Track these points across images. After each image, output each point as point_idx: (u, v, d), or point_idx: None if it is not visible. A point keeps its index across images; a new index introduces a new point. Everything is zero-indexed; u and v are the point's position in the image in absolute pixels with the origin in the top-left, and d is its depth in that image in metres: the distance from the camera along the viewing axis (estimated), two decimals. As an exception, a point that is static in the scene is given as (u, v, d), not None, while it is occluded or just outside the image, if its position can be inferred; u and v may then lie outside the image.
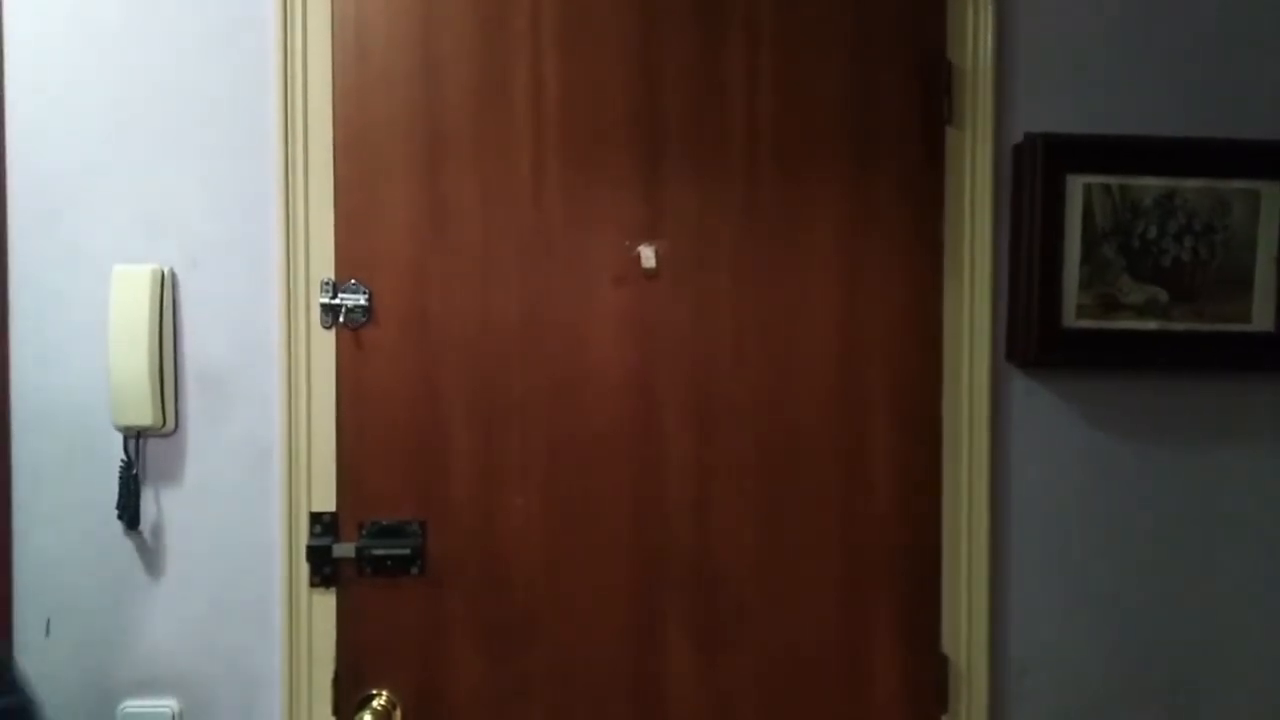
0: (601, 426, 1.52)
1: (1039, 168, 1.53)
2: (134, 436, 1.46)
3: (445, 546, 1.50)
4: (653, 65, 1.52)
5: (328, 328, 1.49)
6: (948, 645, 1.59)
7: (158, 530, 1.49)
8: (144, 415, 1.43)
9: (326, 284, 1.48)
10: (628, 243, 1.52)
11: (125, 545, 1.48)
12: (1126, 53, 1.58)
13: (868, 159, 1.55)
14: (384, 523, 1.49)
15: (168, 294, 1.47)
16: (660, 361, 1.53)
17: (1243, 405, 1.62)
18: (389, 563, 1.48)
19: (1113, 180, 1.55)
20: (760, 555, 1.55)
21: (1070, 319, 1.55)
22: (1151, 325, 1.56)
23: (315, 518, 1.49)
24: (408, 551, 1.48)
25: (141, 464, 1.48)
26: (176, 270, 1.48)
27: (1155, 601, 1.61)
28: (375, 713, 1.47)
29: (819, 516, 1.56)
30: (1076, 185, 1.54)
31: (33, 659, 1.47)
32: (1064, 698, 1.60)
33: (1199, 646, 1.62)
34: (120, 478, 1.46)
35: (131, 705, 1.48)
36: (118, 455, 1.46)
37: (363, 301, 1.48)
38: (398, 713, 1.49)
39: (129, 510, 1.46)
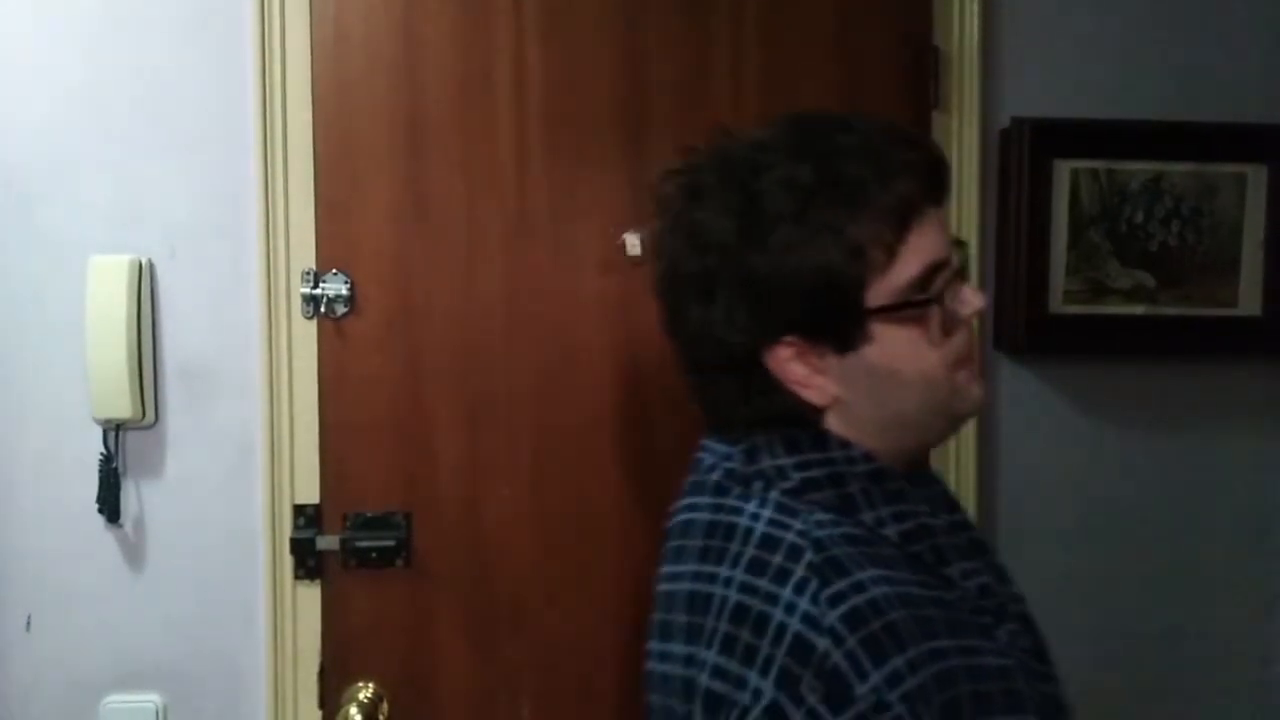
0: (588, 416, 1.51)
1: (1026, 152, 1.52)
2: (113, 429, 1.44)
3: (431, 538, 1.49)
4: (637, 52, 1.51)
5: (309, 318, 1.47)
6: (936, 632, 1.58)
7: (139, 524, 1.47)
8: (123, 408, 1.41)
9: (308, 274, 1.46)
10: (613, 230, 1.51)
11: (106, 539, 1.46)
12: (1113, 36, 1.58)
13: (854, 144, 1.54)
14: (369, 515, 1.48)
15: (146, 285, 1.44)
16: (647, 350, 1.52)
17: (1230, 390, 1.62)
18: (374, 555, 1.47)
19: (1100, 165, 1.54)
20: (748, 544, 1.54)
21: (1057, 304, 1.54)
22: (1139, 310, 1.56)
23: (299, 510, 1.47)
24: (393, 544, 1.47)
25: (121, 457, 1.46)
26: (155, 260, 1.46)
27: (1143, 587, 1.61)
28: (361, 705, 1.46)
29: (807, 504, 1.55)
30: (1063, 170, 1.53)
31: (13, 656, 1.46)
32: (1052, 683, 1.60)
33: (1187, 631, 1.62)
34: (100, 471, 1.44)
35: (114, 701, 1.46)
36: (97, 448, 1.44)
37: (345, 291, 1.46)
38: (384, 705, 1.48)
39: (109, 504, 1.44)
